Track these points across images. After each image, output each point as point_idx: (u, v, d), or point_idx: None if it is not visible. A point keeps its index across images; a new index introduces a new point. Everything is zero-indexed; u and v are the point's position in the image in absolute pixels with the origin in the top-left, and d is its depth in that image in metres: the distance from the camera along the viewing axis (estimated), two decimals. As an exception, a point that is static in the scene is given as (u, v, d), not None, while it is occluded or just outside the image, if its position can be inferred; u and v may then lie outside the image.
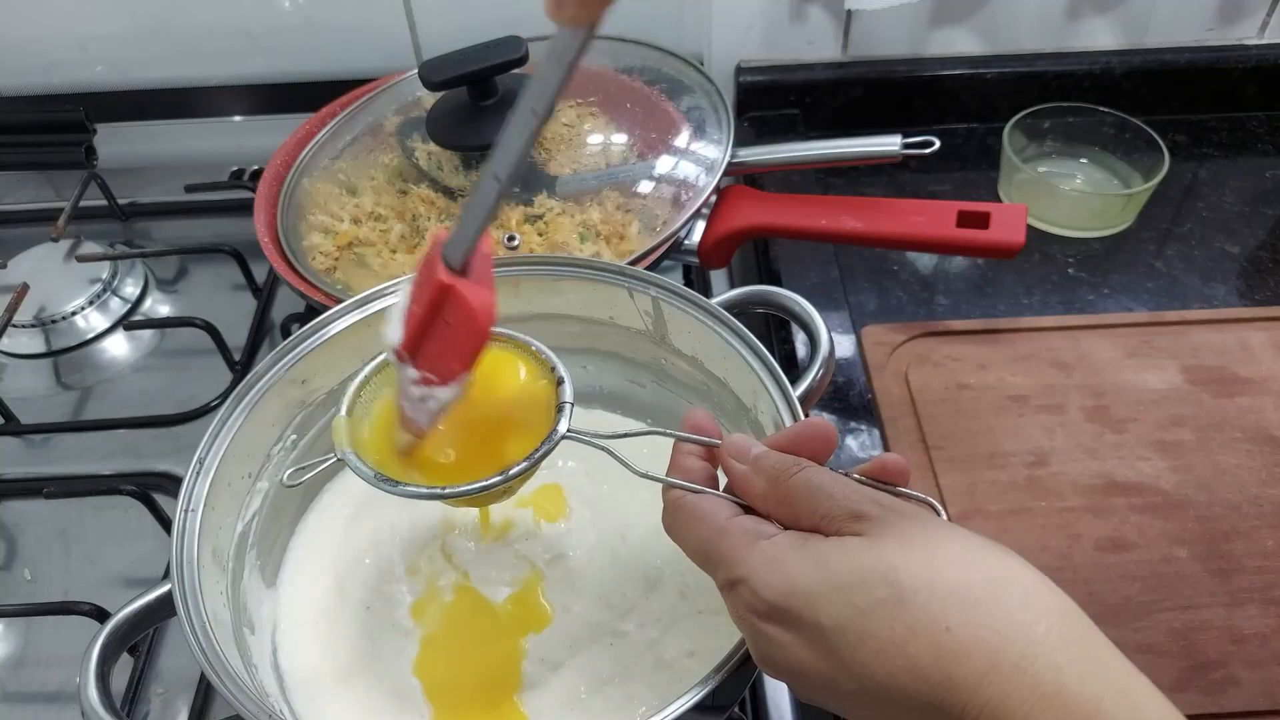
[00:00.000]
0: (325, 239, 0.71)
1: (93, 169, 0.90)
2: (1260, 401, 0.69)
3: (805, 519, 0.37)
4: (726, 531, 0.38)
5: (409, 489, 0.42)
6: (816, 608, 0.34)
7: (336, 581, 0.56)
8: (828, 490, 0.37)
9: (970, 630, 0.32)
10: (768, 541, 0.36)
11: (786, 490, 0.37)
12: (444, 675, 0.52)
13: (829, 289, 0.79)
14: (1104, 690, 0.31)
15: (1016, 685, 0.31)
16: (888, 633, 0.32)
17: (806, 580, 0.34)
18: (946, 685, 0.31)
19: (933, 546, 0.34)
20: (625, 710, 0.49)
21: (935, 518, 0.36)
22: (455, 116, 0.72)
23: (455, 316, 0.39)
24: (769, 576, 0.35)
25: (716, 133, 0.75)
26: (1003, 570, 0.34)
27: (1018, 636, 0.31)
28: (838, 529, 0.35)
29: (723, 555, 0.37)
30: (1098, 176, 0.88)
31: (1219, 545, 0.61)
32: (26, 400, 0.75)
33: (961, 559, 0.34)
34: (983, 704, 0.31)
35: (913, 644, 0.32)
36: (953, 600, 0.32)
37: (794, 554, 0.35)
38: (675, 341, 0.57)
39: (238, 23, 0.90)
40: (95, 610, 0.58)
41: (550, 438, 0.43)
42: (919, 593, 0.32)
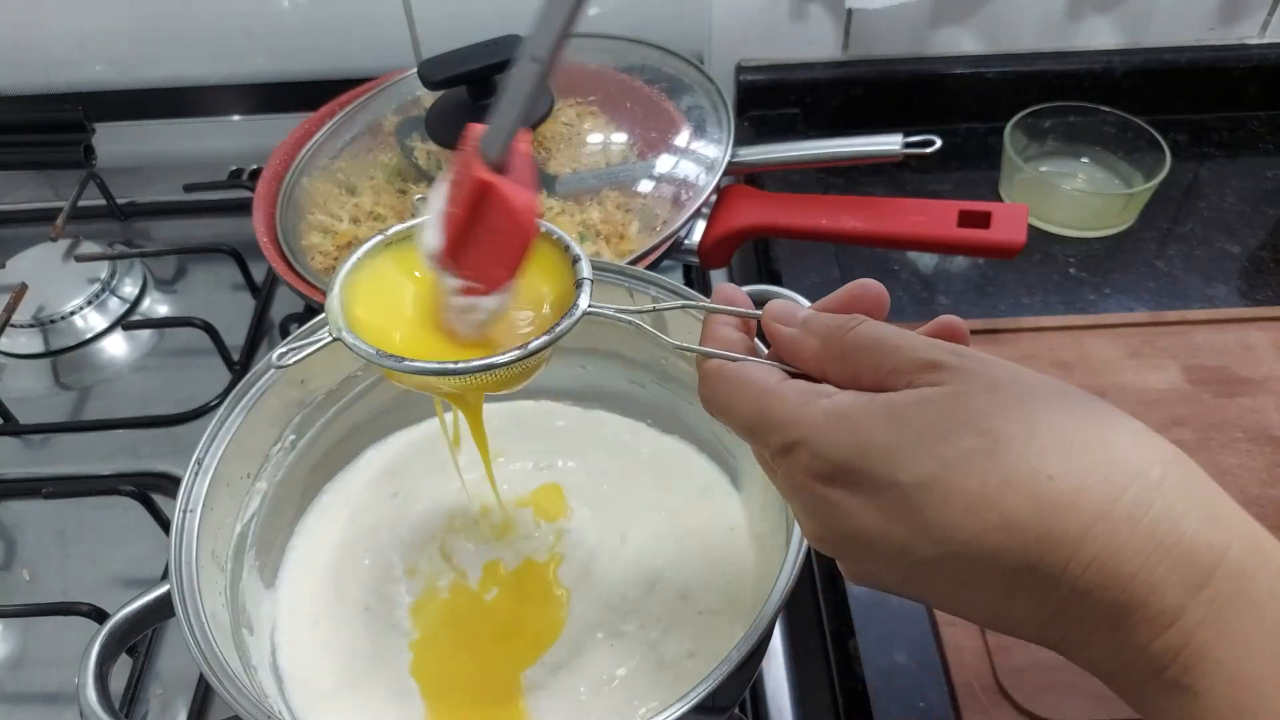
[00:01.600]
0: (324, 238, 0.71)
1: (91, 168, 0.90)
2: (1261, 402, 0.69)
3: (869, 375, 0.32)
4: (779, 391, 0.33)
5: (415, 364, 0.38)
6: (894, 463, 0.30)
7: (335, 582, 0.56)
8: (894, 342, 0.32)
9: (1076, 477, 0.28)
10: (830, 399, 0.32)
11: (844, 345, 0.33)
12: (442, 676, 0.52)
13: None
14: (1229, 538, 0.28)
15: (1130, 536, 0.27)
16: (979, 485, 0.28)
17: (880, 434, 0.30)
18: (1046, 540, 0.28)
19: (1025, 392, 0.30)
20: (625, 711, 0.49)
21: (1017, 365, 0.32)
22: (455, 116, 0.72)
23: (497, 217, 0.36)
24: (834, 434, 0.31)
25: (716, 132, 0.75)
26: (1107, 415, 0.30)
27: (1130, 483, 0.28)
28: (909, 382, 0.31)
29: (776, 416, 0.33)
30: (1099, 176, 0.88)
31: (1220, 546, 0.61)
32: (25, 400, 0.75)
33: (1059, 403, 0.30)
34: (1089, 558, 0.27)
35: (1008, 496, 0.28)
36: (1054, 446, 0.29)
37: (861, 408, 0.31)
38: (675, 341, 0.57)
39: (237, 22, 0.90)
40: (94, 611, 0.58)
41: (571, 313, 0.39)
42: (1015, 440, 0.29)
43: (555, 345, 0.39)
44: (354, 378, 0.58)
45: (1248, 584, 0.27)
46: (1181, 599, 0.27)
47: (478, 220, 0.37)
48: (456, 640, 0.53)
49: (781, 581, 0.43)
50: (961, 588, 0.30)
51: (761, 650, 0.44)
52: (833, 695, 0.58)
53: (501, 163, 0.36)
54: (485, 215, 0.37)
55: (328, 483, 0.60)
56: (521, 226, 0.37)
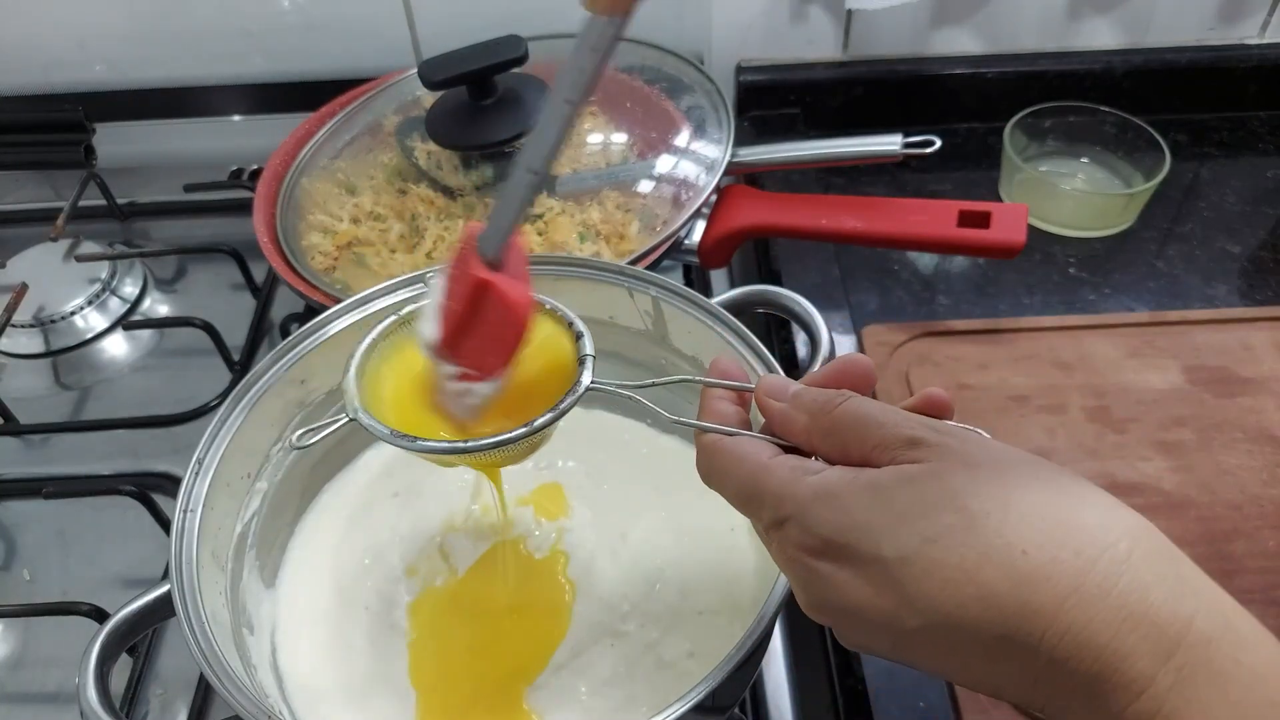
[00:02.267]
0: (324, 239, 0.71)
1: (92, 169, 0.90)
2: (1261, 401, 0.69)
3: (855, 450, 0.34)
4: (770, 469, 0.35)
5: (428, 444, 0.41)
6: (878, 539, 0.31)
7: (335, 582, 0.56)
8: (878, 418, 0.34)
9: (1049, 551, 0.29)
10: (816, 476, 0.34)
11: (832, 421, 0.35)
12: (444, 676, 0.52)
13: (829, 289, 0.79)
14: (1195, 607, 0.29)
15: (1101, 607, 0.29)
16: (958, 560, 0.30)
17: (864, 511, 0.32)
18: (1022, 613, 0.29)
19: (999, 469, 0.32)
20: (626, 710, 0.49)
21: (996, 442, 0.34)
22: (455, 116, 0.72)
23: (494, 312, 0.39)
24: (821, 510, 0.33)
25: (716, 132, 0.75)
26: (1076, 489, 0.32)
27: (1099, 556, 0.29)
28: (892, 458, 0.33)
29: (768, 492, 0.34)
30: (1099, 176, 0.88)
31: (1220, 546, 0.61)
32: (26, 400, 0.75)
33: (1032, 480, 0.32)
34: (1064, 630, 0.29)
35: (986, 570, 0.30)
36: (1028, 523, 0.30)
37: (847, 485, 0.33)
38: (675, 341, 0.57)
39: (237, 22, 0.90)
40: (94, 610, 0.58)
41: (574, 389, 0.41)
42: (990, 516, 0.30)
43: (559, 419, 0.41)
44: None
45: (1213, 652, 0.28)
46: (1151, 667, 0.28)
47: (475, 315, 0.39)
48: (457, 640, 0.53)
49: (781, 581, 0.43)
50: (948, 656, 0.32)
51: (761, 650, 0.44)
52: (833, 695, 0.58)
53: (498, 260, 0.39)
54: (483, 310, 0.39)
55: (328, 482, 0.60)
56: (516, 319, 0.39)
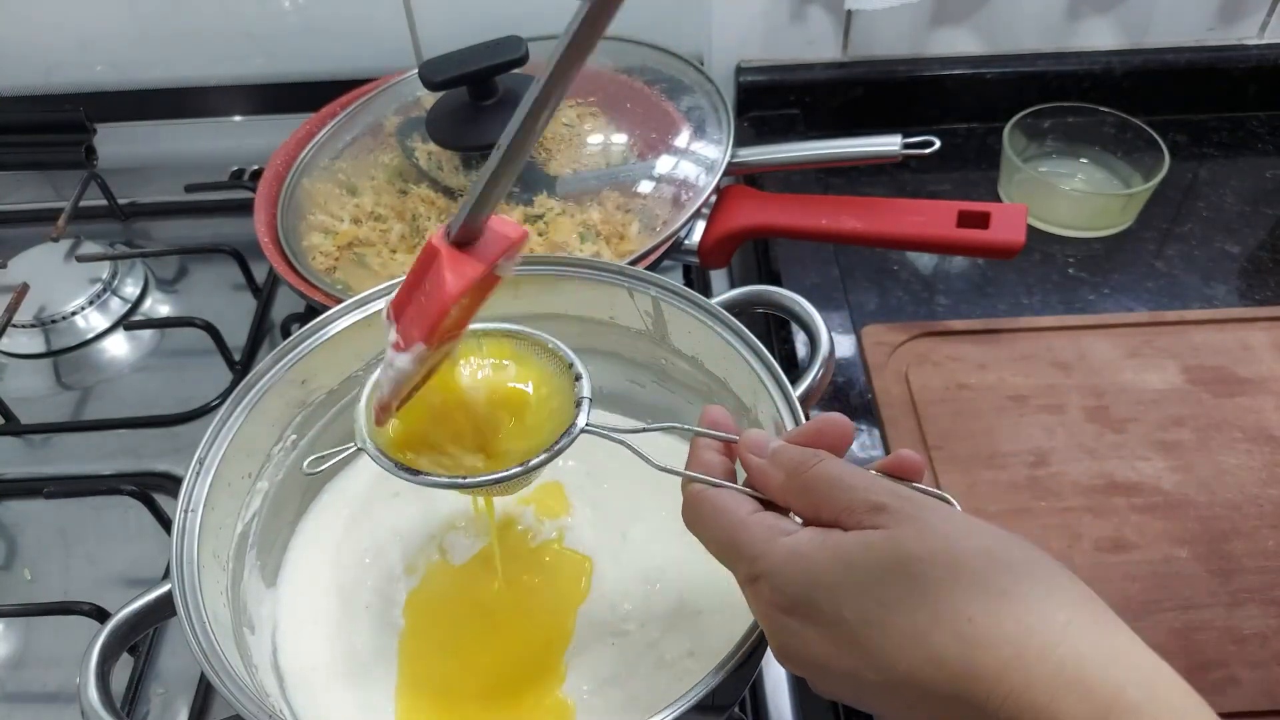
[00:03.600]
0: (325, 239, 0.71)
1: (93, 169, 0.90)
2: (1260, 401, 0.69)
3: (826, 511, 0.37)
4: (747, 526, 0.38)
5: (428, 478, 0.42)
6: (839, 601, 0.34)
7: (336, 581, 0.56)
8: (847, 482, 0.37)
9: (992, 619, 0.32)
10: (789, 537, 0.37)
11: (805, 482, 0.38)
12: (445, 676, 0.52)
13: (829, 289, 0.79)
14: (1126, 678, 0.31)
15: (1039, 673, 0.31)
16: (910, 625, 0.33)
17: (829, 574, 0.35)
18: (969, 675, 0.32)
19: (951, 539, 0.34)
20: (626, 709, 0.49)
21: (954, 510, 0.37)
22: (455, 116, 0.72)
23: (430, 281, 0.39)
24: (791, 571, 0.36)
25: (716, 133, 0.75)
26: (1022, 560, 0.34)
27: (1039, 626, 0.32)
28: (858, 521, 0.36)
29: (744, 549, 0.37)
30: (1098, 176, 0.88)
31: (1219, 545, 0.61)
32: (26, 400, 0.75)
33: (981, 550, 0.34)
34: (1006, 693, 0.31)
35: (936, 634, 0.32)
36: (974, 591, 0.33)
37: (815, 548, 0.36)
38: (675, 341, 0.57)
39: (238, 23, 0.90)
40: (95, 610, 0.58)
41: (569, 432, 0.43)
42: (941, 584, 0.33)
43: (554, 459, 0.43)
44: (355, 378, 0.58)
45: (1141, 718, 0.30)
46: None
47: (417, 280, 0.39)
48: (457, 640, 0.53)
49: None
50: (907, 710, 0.34)
51: (761, 650, 0.44)
52: (832, 694, 0.58)
53: (466, 237, 0.38)
54: (422, 277, 0.39)
55: (328, 482, 0.60)
56: (442, 294, 0.38)
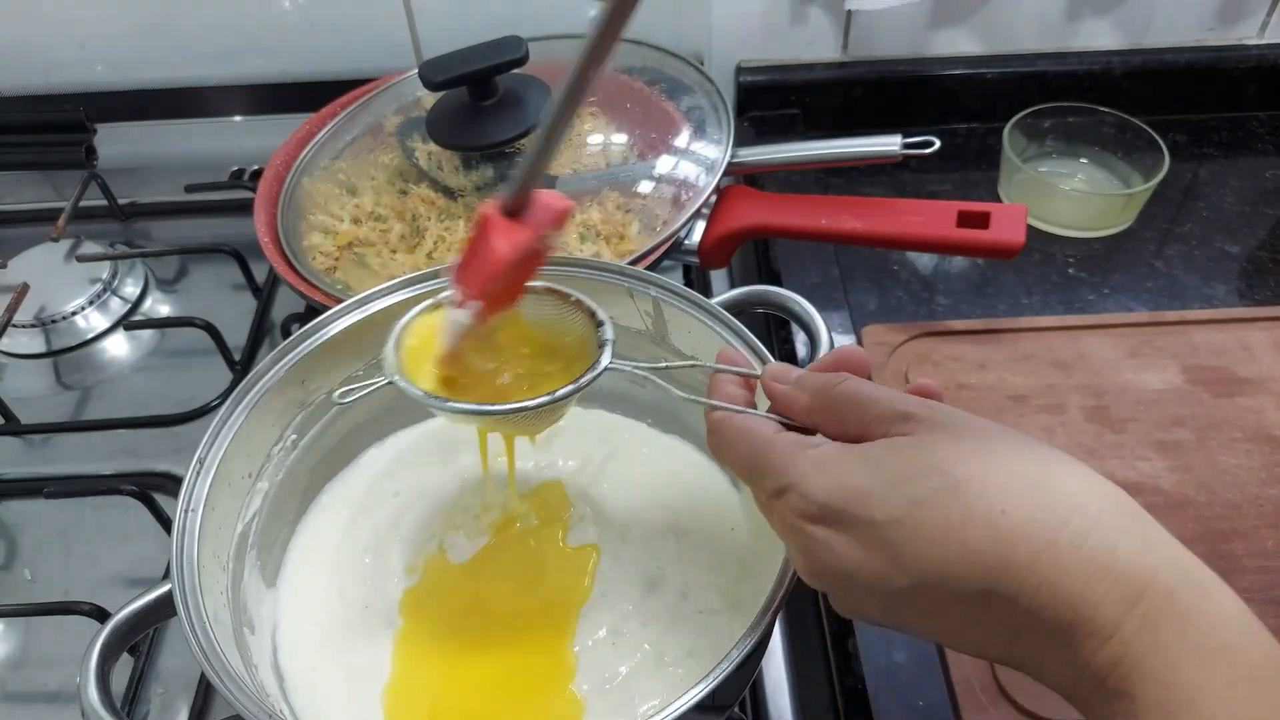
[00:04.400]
0: (325, 239, 0.71)
1: (93, 169, 0.90)
2: (1260, 401, 0.69)
3: (853, 425, 0.37)
4: (773, 443, 0.38)
5: (457, 405, 0.44)
6: (869, 503, 0.34)
7: (336, 581, 0.56)
8: (873, 395, 0.37)
9: (1024, 511, 0.32)
10: (816, 449, 0.37)
11: (831, 398, 0.38)
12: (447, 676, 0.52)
13: (829, 289, 0.79)
14: (1158, 563, 0.31)
15: (1071, 561, 0.31)
16: (943, 520, 0.33)
17: (858, 477, 0.35)
18: (1002, 567, 0.32)
19: (981, 438, 0.35)
20: (627, 708, 0.49)
21: (977, 417, 0.37)
22: (455, 116, 0.72)
23: (482, 244, 0.42)
24: (819, 478, 0.36)
25: (716, 133, 0.75)
26: (1054, 458, 0.34)
27: (1071, 516, 0.32)
28: (885, 431, 0.36)
29: (770, 464, 0.37)
30: (1098, 176, 0.88)
31: (1219, 545, 0.61)
32: (26, 400, 0.75)
33: (1012, 449, 0.34)
34: (1039, 582, 0.31)
35: (968, 529, 0.32)
36: (1006, 485, 0.33)
37: (843, 455, 0.36)
38: (675, 341, 0.57)
39: (238, 23, 0.90)
40: (95, 610, 0.58)
41: (594, 367, 0.45)
42: (972, 480, 0.33)
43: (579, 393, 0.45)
44: (355, 378, 0.58)
45: (1175, 600, 0.31)
46: (1118, 614, 0.31)
47: (474, 243, 0.43)
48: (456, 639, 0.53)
49: (782, 582, 0.43)
50: (935, 616, 0.35)
51: (761, 649, 0.44)
52: (832, 694, 0.58)
53: (515, 207, 0.42)
54: (477, 240, 0.43)
55: (329, 482, 0.61)
56: (493, 257, 0.42)
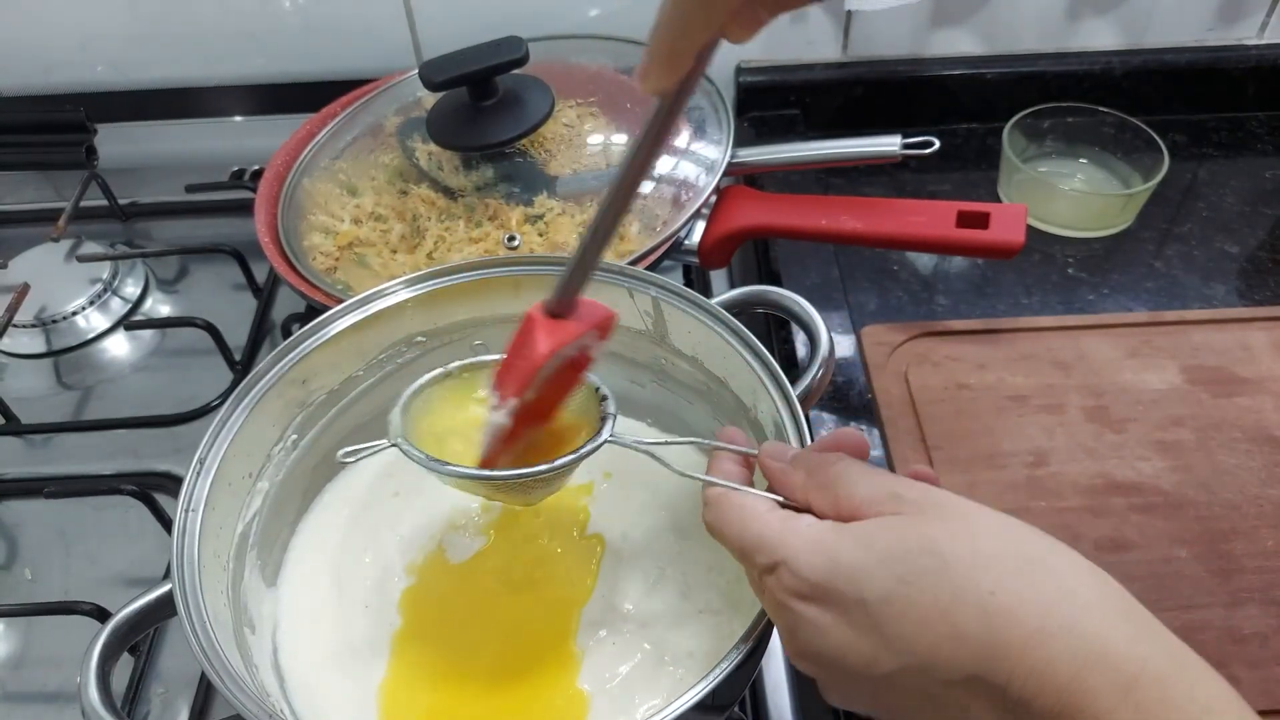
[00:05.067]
0: (326, 239, 0.72)
1: (93, 169, 0.90)
2: (1260, 401, 0.69)
3: (845, 504, 0.37)
4: (767, 521, 0.38)
5: (457, 469, 0.44)
6: (860, 582, 0.34)
7: (336, 581, 0.56)
8: (867, 475, 0.38)
9: (1014, 594, 0.32)
10: (808, 526, 0.37)
11: (826, 478, 0.38)
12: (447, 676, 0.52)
13: (829, 289, 0.79)
14: (1150, 651, 0.31)
15: (1063, 648, 0.31)
16: (932, 599, 0.33)
17: (849, 556, 0.35)
18: (991, 651, 0.32)
19: (972, 521, 0.35)
20: (627, 708, 0.49)
21: (972, 502, 0.37)
22: (456, 116, 0.72)
23: (524, 344, 0.43)
24: (811, 556, 0.36)
25: (716, 133, 0.75)
26: (1043, 543, 0.34)
27: (1060, 600, 0.32)
28: (877, 510, 0.36)
29: (763, 540, 0.38)
30: (1098, 176, 0.88)
31: (1219, 545, 0.61)
32: (27, 400, 0.76)
33: (1002, 533, 0.34)
34: (1029, 669, 0.31)
35: (957, 610, 0.32)
36: (995, 567, 0.33)
37: (834, 533, 0.36)
38: (675, 341, 0.58)
39: (238, 23, 0.90)
40: (96, 610, 0.58)
41: (595, 438, 0.46)
42: (962, 560, 0.33)
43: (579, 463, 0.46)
44: (355, 378, 0.59)
45: (1167, 689, 0.31)
46: (1111, 704, 0.30)
47: (515, 343, 0.43)
48: (455, 638, 0.53)
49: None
50: (925, 702, 0.34)
51: (761, 649, 0.44)
52: (832, 694, 0.58)
53: (559, 310, 0.42)
54: (519, 339, 0.43)
55: (329, 482, 0.61)
56: (531, 353, 0.42)
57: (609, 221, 0.39)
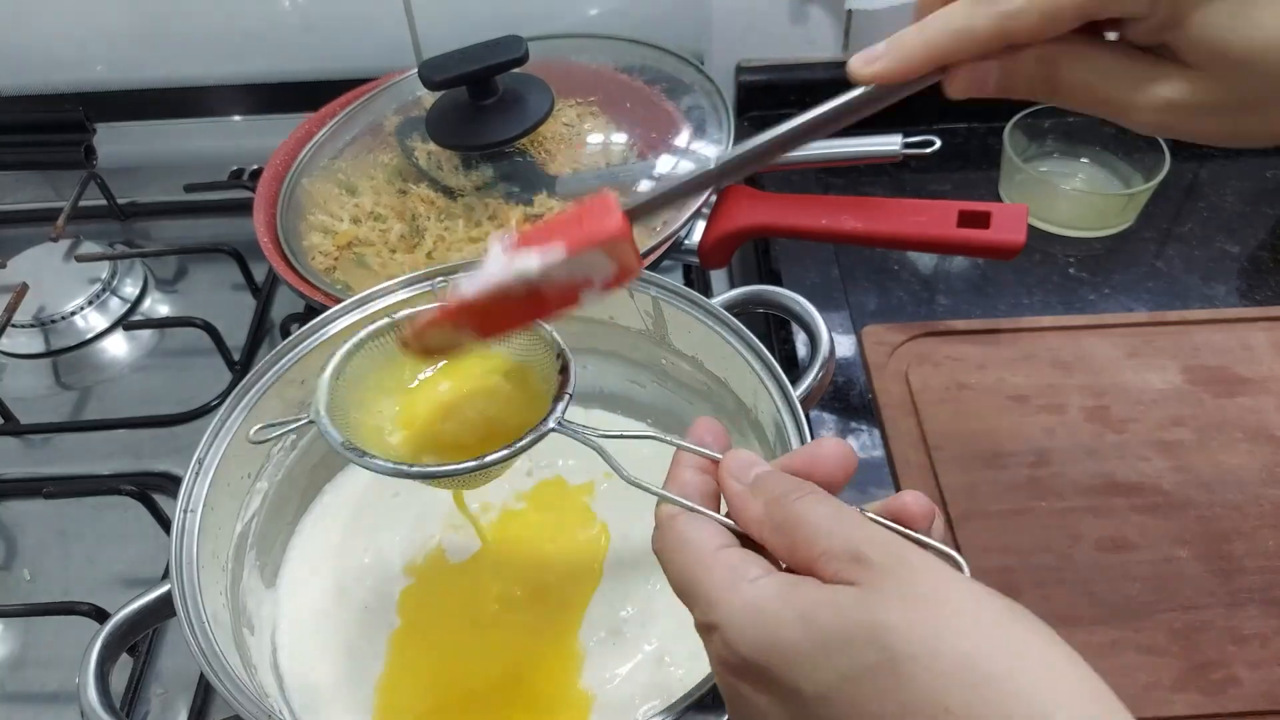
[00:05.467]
0: (325, 239, 0.71)
1: (92, 169, 0.90)
2: (1261, 401, 0.69)
3: (802, 553, 0.32)
4: (710, 566, 0.33)
5: (374, 462, 0.40)
6: (795, 669, 0.29)
7: (335, 582, 0.56)
8: (829, 525, 0.32)
9: (973, 712, 0.27)
10: (752, 585, 0.31)
11: (784, 517, 0.33)
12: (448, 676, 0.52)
13: (829, 289, 0.79)
14: None
15: None
16: (876, 708, 0.28)
17: (787, 635, 0.30)
18: None
19: (939, 606, 0.29)
20: (627, 708, 0.49)
21: (952, 572, 0.30)
22: (455, 116, 0.72)
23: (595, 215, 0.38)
24: (747, 627, 0.30)
25: (716, 132, 0.75)
26: (1020, 642, 0.28)
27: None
28: (835, 571, 0.30)
29: (701, 592, 0.32)
30: (1098, 176, 0.88)
31: (1220, 545, 0.61)
32: (26, 400, 0.75)
33: (972, 625, 0.28)
34: None
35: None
36: (956, 675, 0.27)
37: (778, 602, 0.30)
38: (675, 341, 0.57)
39: (238, 23, 0.90)
40: (95, 610, 0.58)
41: (538, 428, 0.41)
42: (916, 661, 0.27)
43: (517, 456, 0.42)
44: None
45: None
46: None
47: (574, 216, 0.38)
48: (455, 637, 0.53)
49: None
50: None
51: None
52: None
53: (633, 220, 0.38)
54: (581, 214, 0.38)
55: (328, 483, 0.61)
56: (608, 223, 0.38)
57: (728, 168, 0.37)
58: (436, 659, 0.52)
